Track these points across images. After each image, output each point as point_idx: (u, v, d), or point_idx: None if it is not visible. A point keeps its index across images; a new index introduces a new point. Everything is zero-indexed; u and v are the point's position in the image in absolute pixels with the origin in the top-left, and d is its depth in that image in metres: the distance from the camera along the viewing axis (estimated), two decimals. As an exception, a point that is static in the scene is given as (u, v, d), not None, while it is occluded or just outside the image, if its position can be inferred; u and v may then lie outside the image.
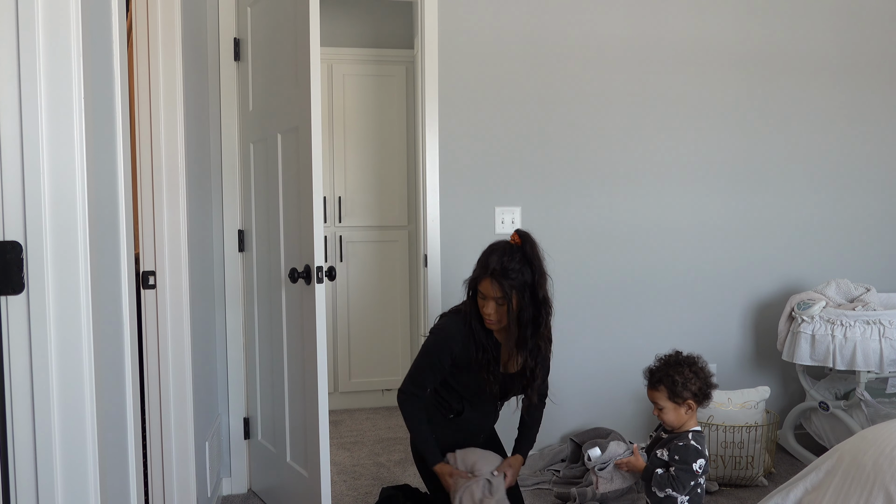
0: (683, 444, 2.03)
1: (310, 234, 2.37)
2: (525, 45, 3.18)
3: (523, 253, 2.25)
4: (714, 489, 2.97)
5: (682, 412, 2.07)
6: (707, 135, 3.39)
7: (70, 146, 1.31)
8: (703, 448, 2.04)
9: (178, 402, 2.38)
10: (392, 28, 4.24)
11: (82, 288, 1.33)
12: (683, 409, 2.07)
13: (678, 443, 2.04)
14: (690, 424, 2.09)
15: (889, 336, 2.92)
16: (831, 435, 3.14)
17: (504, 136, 3.19)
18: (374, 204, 4.20)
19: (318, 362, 2.37)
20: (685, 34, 3.33)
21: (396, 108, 4.19)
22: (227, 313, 3.00)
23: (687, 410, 2.08)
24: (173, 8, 2.31)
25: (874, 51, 3.54)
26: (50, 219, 1.30)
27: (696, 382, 2.07)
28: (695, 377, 2.08)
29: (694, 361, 2.12)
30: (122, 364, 1.60)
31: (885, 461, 1.87)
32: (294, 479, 2.63)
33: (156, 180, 2.34)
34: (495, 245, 2.31)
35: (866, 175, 3.56)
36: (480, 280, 2.26)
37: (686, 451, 2.01)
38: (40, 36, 1.28)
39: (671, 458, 2.04)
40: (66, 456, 1.33)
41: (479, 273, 2.27)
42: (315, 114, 2.33)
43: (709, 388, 2.10)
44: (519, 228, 2.36)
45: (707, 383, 2.10)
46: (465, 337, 2.30)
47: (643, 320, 3.36)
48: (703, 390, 2.08)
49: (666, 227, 3.36)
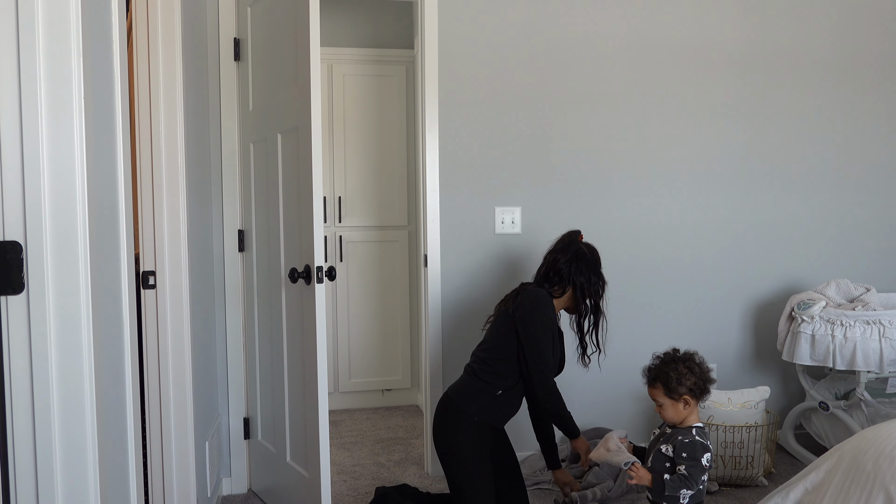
0: (689, 440, 2.04)
1: (310, 234, 2.37)
2: (525, 45, 3.19)
3: None
4: (714, 489, 2.97)
5: (681, 408, 2.10)
6: (707, 135, 3.39)
7: (70, 146, 1.31)
8: (707, 442, 2.06)
9: (178, 402, 2.38)
10: (392, 28, 4.24)
11: (82, 288, 1.33)
12: (681, 404, 2.10)
13: (683, 440, 2.05)
14: (692, 420, 2.10)
15: (889, 336, 2.92)
16: (831, 435, 3.14)
17: (504, 136, 3.19)
18: (374, 204, 4.20)
19: (318, 362, 2.37)
20: (685, 34, 3.33)
21: (396, 108, 4.20)
22: (227, 313, 3.00)
23: (685, 406, 2.10)
24: (173, 8, 2.31)
25: (874, 51, 3.54)
26: (50, 219, 1.30)
27: (690, 378, 2.10)
28: (689, 373, 2.10)
29: (689, 357, 2.15)
30: (122, 364, 1.60)
31: (885, 461, 1.87)
32: (294, 479, 2.63)
33: (156, 180, 2.34)
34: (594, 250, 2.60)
35: (866, 175, 3.56)
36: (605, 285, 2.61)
37: (693, 447, 2.03)
38: (40, 36, 1.28)
39: (678, 456, 2.04)
40: (66, 456, 1.33)
41: (603, 281, 2.59)
42: (315, 114, 2.34)
43: (706, 382, 2.12)
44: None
45: (704, 378, 2.12)
46: (551, 306, 2.50)
47: (643, 320, 3.36)
48: (699, 385, 2.10)
49: (666, 226, 3.36)
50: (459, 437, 2.40)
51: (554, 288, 2.54)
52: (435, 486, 3.04)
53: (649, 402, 3.37)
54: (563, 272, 2.52)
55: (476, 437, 2.40)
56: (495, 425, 2.46)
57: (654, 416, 3.36)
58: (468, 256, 3.17)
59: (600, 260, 2.59)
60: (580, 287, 2.53)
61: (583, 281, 2.53)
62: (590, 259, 2.56)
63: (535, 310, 2.44)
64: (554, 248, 2.60)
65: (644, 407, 3.37)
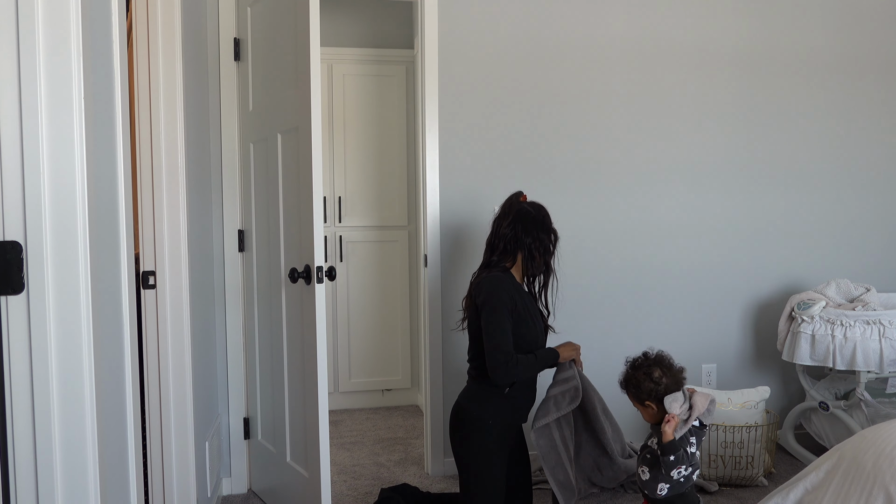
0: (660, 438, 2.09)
1: (310, 233, 2.37)
2: (525, 45, 3.18)
3: None
4: (714, 489, 2.97)
5: (652, 411, 2.15)
6: (707, 135, 3.39)
7: (70, 146, 1.31)
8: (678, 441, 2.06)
9: (178, 402, 2.38)
10: (392, 28, 4.24)
11: (82, 288, 1.33)
12: (649, 409, 2.15)
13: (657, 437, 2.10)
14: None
15: (889, 336, 2.92)
16: (831, 435, 3.14)
17: (504, 136, 3.19)
18: (374, 204, 4.20)
19: (318, 362, 2.37)
20: (685, 34, 3.33)
21: (396, 108, 4.19)
22: (227, 313, 3.00)
23: (658, 408, 2.13)
24: (173, 8, 2.31)
25: (873, 51, 3.54)
26: (50, 219, 1.30)
27: (648, 384, 2.13)
28: (647, 379, 2.13)
29: (649, 364, 2.16)
30: (122, 364, 1.60)
31: (885, 461, 1.87)
32: (294, 479, 2.63)
33: (156, 180, 2.34)
34: (541, 207, 2.51)
35: (866, 175, 3.56)
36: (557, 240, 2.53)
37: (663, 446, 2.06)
38: (40, 36, 1.28)
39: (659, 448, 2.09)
40: (66, 456, 1.33)
41: (556, 242, 2.51)
42: (315, 114, 2.33)
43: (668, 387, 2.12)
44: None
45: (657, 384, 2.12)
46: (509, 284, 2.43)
47: (642, 320, 3.36)
48: (654, 391, 2.12)
49: (666, 227, 3.36)
50: (472, 441, 2.39)
51: (506, 260, 2.47)
52: (435, 486, 3.04)
53: (649, 402, 3.37)
54: (508, 236, 2.45)
55: (497, 442, 2.38)
56: (517, 423, 2.45)
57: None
58: (468, 256, 3.16)
59: (548, 215, 2.52)
60: (528, 248, 2.45)
61: (530, 241, 2.45)
62: (535, 216, 2.47)
63: (492, 295, 2.37)
64: (497, 214, 2.54)
65: (644, 407, 3.37)
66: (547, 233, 2.48)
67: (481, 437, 2.37)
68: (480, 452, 2.37)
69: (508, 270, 2.47)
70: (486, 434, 2.37)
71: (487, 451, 2.37)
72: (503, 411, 2.40)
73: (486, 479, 2.37)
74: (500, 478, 2.38)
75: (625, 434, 3.29)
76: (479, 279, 2.46)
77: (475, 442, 2.38)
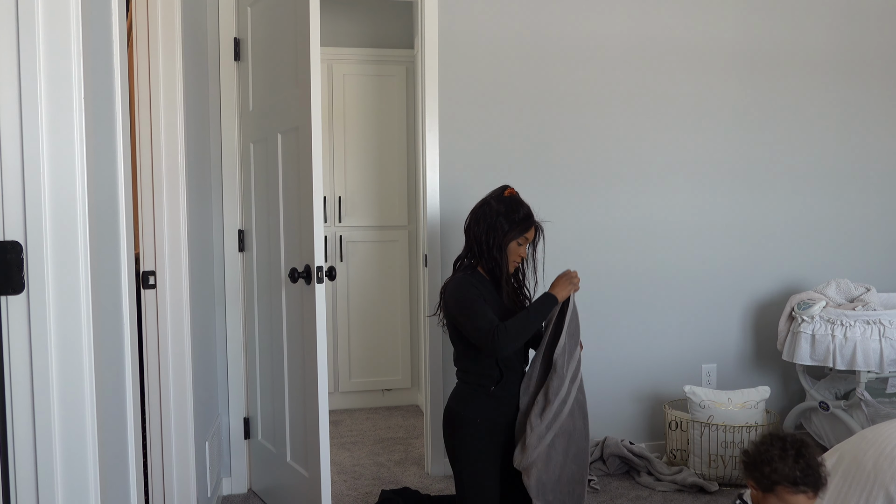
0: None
1: (310, 233, 2.37)
2: (525, 45, 3.18)
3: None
4: (714, 489, 2.97)
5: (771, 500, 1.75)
6: (707, 134, 3.39)
7: (70, 146, 1.31)
8: None
9: (178, 402, 2.38)
10: (392, 28, 4.24)
11: (82, 288, 1.33)
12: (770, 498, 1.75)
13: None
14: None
15: (889, 336, 2.92)
16: (831, 435, 3.14)
17: (504, 136, 3.19)
18: (374, 204, 4.20)
19: (318, 362, 2.37)
20: (685, 34, 3.33)
21: (396, 108, 4.19)
22: (227, 313, 3.00)
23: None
24: (173, 8, 2.31)
25: (874, 50, 3.54)
26: (50, 219, 1.30)
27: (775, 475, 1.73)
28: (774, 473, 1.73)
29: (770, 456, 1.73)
30: (122, 364, 1.60)
31: (885, 461, 1.87)
32: (294, 479, 2.63)
33: (156, 180, 2.34)
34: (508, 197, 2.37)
35: (866, 174, 3.56)
36: (530, 227, 2.36)
37: None
38: (40, 36, 1.28)
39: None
40: (66, 456, 1.33)
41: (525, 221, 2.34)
42: (315, 114, 2.33)
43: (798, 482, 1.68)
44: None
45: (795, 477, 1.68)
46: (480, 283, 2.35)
47: (642, 320, 3.36)
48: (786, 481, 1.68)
49: (666, 226, 3.36)
50: (461, 442, 2.38)
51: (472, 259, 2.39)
52: (435, 487, 3.04)
53: (649, 402, 3.38)
54: (472, 232, 2.38)
55: (485, 439, 2.36)
56: (503, 420, 2.41)
57: (655, 416, 3.36)
58: (468, 256, 3.16)
59: (521, 205, 2.36)
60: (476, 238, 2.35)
61: (480, 230, 2.33)
62: (494, 208, 2.34)
63: (457, 290, 2.32)
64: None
65: (644, 407, 3.37)
66: (509, 221, 2.31)
67: (471, 437, 2.36)
68: (471, 452, 2.36)
69: (476, 269, 2.41)
70: (474, 433, 2.36)
71: (477, 450, 2.36)
72: (487, 409, 2.37)
73: (478, 479, 2.35)
74: (492, 476, 2.36)
75: (625, 434, 3.30)
76: (444, 284, 2.43)
77: (465, 441, 2.37)
